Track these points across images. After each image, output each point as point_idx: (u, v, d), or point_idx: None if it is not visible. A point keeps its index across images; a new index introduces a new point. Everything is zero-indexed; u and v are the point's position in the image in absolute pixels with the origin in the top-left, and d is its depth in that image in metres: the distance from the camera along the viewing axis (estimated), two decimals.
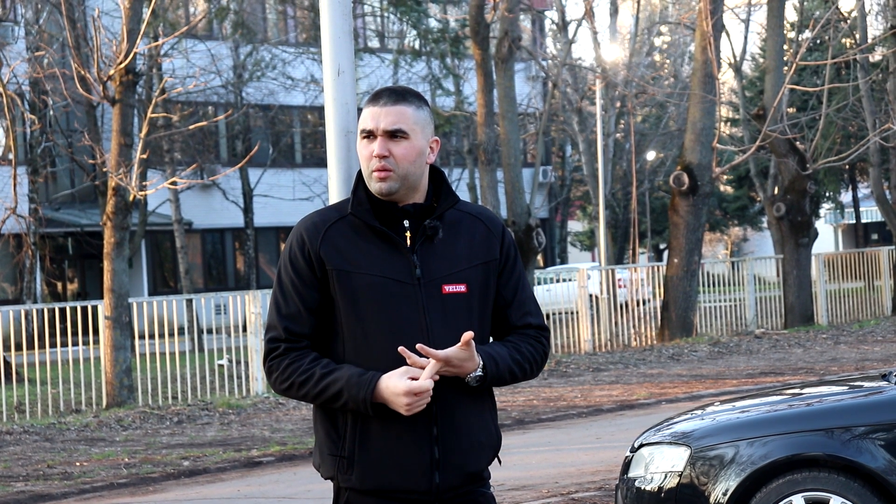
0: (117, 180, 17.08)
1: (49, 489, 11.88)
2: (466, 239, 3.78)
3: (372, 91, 3.76)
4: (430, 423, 3.67)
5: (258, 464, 12.98)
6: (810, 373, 18.30)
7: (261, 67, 36.29)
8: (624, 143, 44.30)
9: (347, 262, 3.69)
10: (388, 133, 3.69)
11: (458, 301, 3.72)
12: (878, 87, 33.54)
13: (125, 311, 17.34)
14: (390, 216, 3.73)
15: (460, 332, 3.67)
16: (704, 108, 23.36)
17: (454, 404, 3.69)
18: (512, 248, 3.84)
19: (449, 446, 3.68)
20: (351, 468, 3.68)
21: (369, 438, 3.66)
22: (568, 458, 12.25)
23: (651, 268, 26.42)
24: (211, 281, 40.71)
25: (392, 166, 3.68)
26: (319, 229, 3.74)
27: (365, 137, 3.72)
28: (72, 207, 36.63)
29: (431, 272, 3.71)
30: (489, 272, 3.79)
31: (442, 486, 3.69)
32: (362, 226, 3.72)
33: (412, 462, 3.66)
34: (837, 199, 53.05)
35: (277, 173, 39.01)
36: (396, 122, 3.69)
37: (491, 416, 3.80)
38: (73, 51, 18.51)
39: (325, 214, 3.79)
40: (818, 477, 6.70)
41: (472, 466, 3.74)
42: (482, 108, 22.54)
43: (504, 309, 3.84)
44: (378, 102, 3.71)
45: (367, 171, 3.72)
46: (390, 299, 3.68)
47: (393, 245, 3.71)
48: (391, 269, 3.69)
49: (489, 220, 3.84)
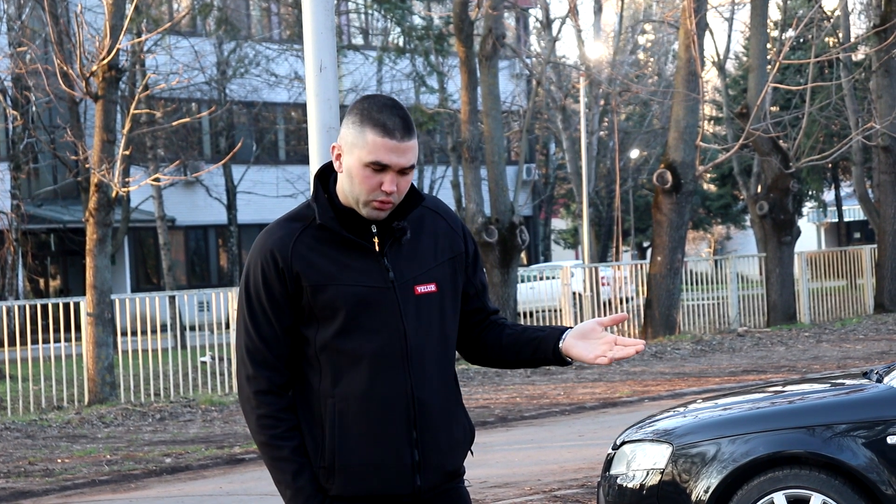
0: (100, 177, 17.04)
1: (30, 486, 11.84)
2: (430, 236, 3.75)
3: (372, 109, 3.52)
4: (408, 426, 3.65)
5: (241, 461, 12.96)
6: (792, 371, 18.34)
7: (244, 64, 36.23)
8: (608, 141, 44.35)
9: (322, 276, 3.62)
10: (403, 170, 3.62)
11: (430, 301, 3.69)
12: (861, 86, 33.65)
13: (108, 307, 17.29)
14: (357, 222, 3.67)
15: (432, 332, 3.67)
16: (688, 107, 23.40)
17: (430, 406, 3.67)
18: (472, 239, 3.85)
19: (428, 448, 3.67)
20: (332, 477, 3.65)
21: (349, 446, 3.64)
22: (551, 456, 12.25)
23: (634, 266, 26.46)
24: (194, 278, 40.64)
25: (395, 200, 3.64)
26: (287, 244, 3.64)
27: (371, 167, 3.60)
28: (54, 204, 36.53)
29: (403, 274, 3.67)
30: (456, 267, 3.77)
31: (423, 487, 3.68)
32: (329, 235, 3.65)
33: (393, 467, 3.65)
34: (820, 197, 53.20)
35: (261, 170, 38.96)
36: (412, 159, 3.63)
37: (462, 411, 3.80)
38: (56, 47, 18.45)
39: (287, 227, 3.68)
40: (799, 474, 6.72)
41: (451, 465, 3.74)
42: (466, 105, 22.54)
43: (477, 297, 3.84)
44: (393, 135, 3.58)
45: (366, 198, 3.61)
46: (369, 308, 3.63)
47: (363, 252, 3.66)
48: (367, 277, 3.64)
49: (447, 213, 3.82)
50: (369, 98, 3.67)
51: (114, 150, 17.62)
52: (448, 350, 3.75)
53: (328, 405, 3.65)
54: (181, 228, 39.68)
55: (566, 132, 39.56)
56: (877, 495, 6.61)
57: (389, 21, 37.58)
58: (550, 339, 3.78)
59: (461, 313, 3.83)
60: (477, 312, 3.86)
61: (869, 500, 6.63)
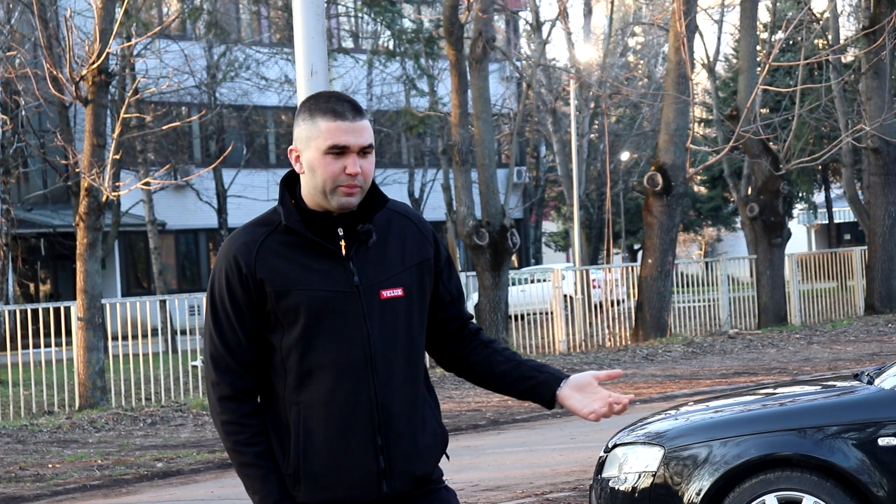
0: (90, 181, 17.01)
1: (21, 491, 11.81)
2: (398, 240, 3.73)
3: (319, 100, 3.56)
4: (373, 432, 3.62)
5: (232, 465, 12.92)
6: (783, 373, 18.36)
7: (234, 68, 36.20)
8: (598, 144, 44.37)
9: (286, 281, 3.61)
10: (362, 149, 3.63)
11: (395, 306, 3.67)
12: (851, 88, 33.70)
13: (98, 312, 17.26)
14: (323, 225, 3.65)
15: (398, 337, 3.65)
16: (678, 109, 23.42)
17: (395, 412, 3.65)
18: (444, 245, 3.84)
19: (394, 454, 3.65)
20: (298, 483, 3.64)
21: (313, 453, 3.62)
22: (542, 459, 12.25)
23: (625, 268, 26.47)
24: (185, 282, 40.59)
25: (361, 183, 3.62)
26: (251, 249, 3.63)
27: (331, 153, 3.61)
28: (44, 208, 36.47)
29: (369, 278, 3.65)
30: (423, 273, 3.74)
31: (390, 493, 3.66)
32: (294, 239, 3.64)
33: (358, 473, 3.63)
34: (810, 199, 53.27)
35: (251, 174, 38.93)
36: (369, 138, 3.63)
37: (434, 416, 3.77)
38: (46, 51, 18.43)
39: (252, 232, 3.67)
40: (791, 476, 6.73)
41: (419, 470, 3.70)
42: (456, 108, 22.54)
43: (452, 304, 3.83)
44: (345, 117, 3.61)
45: (332, 185, 3.60)
46: (332, 312, 3.61)
47: (329, 255, 3.64)
48: (330, 281, 3.62)
49: (416, 218, 3.80)
50: (313, 95, 3.74)
51: (104, 154, 17.59)
52: (415, 355, 3.72)
53: (293, 412, 3.63)
54: (171, 232, 39.63)
55: (556, 135, 39.58)
56: (868, 497, 6.62)
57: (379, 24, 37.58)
58: (548, 386, 3.83)
59: (436, 321, 3.82)
60: (454, 320, 3.84)
61: (860, 501, 6.64)
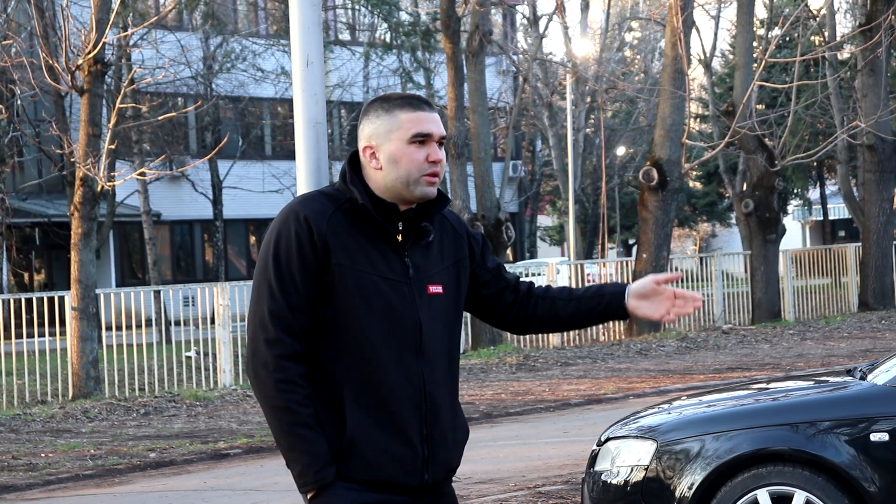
0: (85, 171, 16.99)
1: (13, 480, 11.81)
2: (439, 239, 3.81)
3: (391, 97, 3.62)
4: (420, 421, 3.70)
5: (225, 456, 12.94)
6: (777, 368, 18.38)
7: (231, 59, 36.17)
8: (594, 139, 44.39)
9: (348, 257, 3.65)
10: (440, 140, 3.72)
11: (438, 301, 3.76)
12: (847, 85, 33.72)
13: (92, 301, 17.26)
14: (388, 215, 3.71)
15: (440, 331, 3.74)
16: (674, 104, 23.43)
17: (439, 403, 3.75)
18: (476, 234, 3.93)
19: (436, 444, 3.74)
20: (344, 459, 3.66)
21: (367, 432, 3.66)
22: (535, 452, 12.27)
23: (620, 263, 26.48)
24: (179, 273, 40.57)
25: (440, 171, 3.73)
26: (323, 217, 3.66)
27: (415, 142, 3.68)
28: (39, 198, 36.41)
29: (420, 273, 3.73)
30: (459, 272, 3.83)
31: (430, 481, 3.75)
32: (359, 221, 3.68)
33: (406, 459, 3.69)
34: (805, 195, 53.32)
35: (247, 165, 38.90)
36: (443, 130, 3.75)
37: (461, 411, 3.89)
38: (42, 40, 18.39)
39: (322, 202, 3.70)
40: (783, 471, 6.74)
41: (454, 462, 3.82)
42: (453, 101, 22.54)
43: (500, 277, 3.91)
44: (422, 108, 3.71)
45: (417, 174, 3.68)
46: (389, 298, 3.67)
47: (389, 244, 3.70)
48: (390, 268, 3.69)
49: (452, 217, 3.89)
50: (380, 96, 3.80)
51: (99, 144, 17.57)
52: (453, 351, 3.82)
53: (346, 390, 3.66)
54: (166, 223, 39.60)
55: (552, 129, 39.59)
56: (860, 492, 6.63)
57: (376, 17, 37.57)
58: (617, 303, 3.86)
59: (491, 298, 3.91)
60: (506, 290, 3.93)
61: (852, 497, 6.65)
